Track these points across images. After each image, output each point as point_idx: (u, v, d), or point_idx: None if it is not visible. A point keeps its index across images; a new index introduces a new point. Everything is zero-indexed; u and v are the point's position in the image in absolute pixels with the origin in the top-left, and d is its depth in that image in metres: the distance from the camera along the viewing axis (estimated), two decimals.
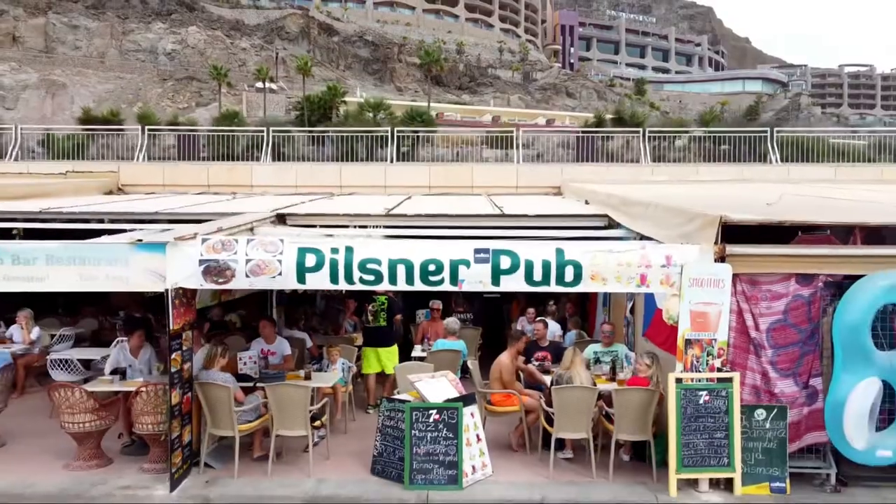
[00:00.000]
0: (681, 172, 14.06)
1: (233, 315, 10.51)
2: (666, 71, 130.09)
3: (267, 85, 67.39)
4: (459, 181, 13.99)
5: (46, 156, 15.93)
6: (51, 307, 11.10)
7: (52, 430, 7.43)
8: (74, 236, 7.46)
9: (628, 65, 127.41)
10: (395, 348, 8.68)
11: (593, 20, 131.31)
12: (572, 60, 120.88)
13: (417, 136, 29.54)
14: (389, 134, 15.34)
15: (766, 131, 15.48)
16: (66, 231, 8.67)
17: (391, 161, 14.85)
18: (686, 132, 17.38)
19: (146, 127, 15.88)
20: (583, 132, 16.85)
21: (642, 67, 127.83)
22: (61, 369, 8.26)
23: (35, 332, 9.18)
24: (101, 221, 9.17)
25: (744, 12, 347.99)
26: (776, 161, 14.73)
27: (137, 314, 9.81)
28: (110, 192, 13.61)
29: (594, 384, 6.60)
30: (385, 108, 27.73)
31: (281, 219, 8.92)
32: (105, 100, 69.99)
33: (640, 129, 15.36)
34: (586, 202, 11.01)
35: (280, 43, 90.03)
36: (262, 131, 15.73)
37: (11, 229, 9.41)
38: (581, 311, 10.47)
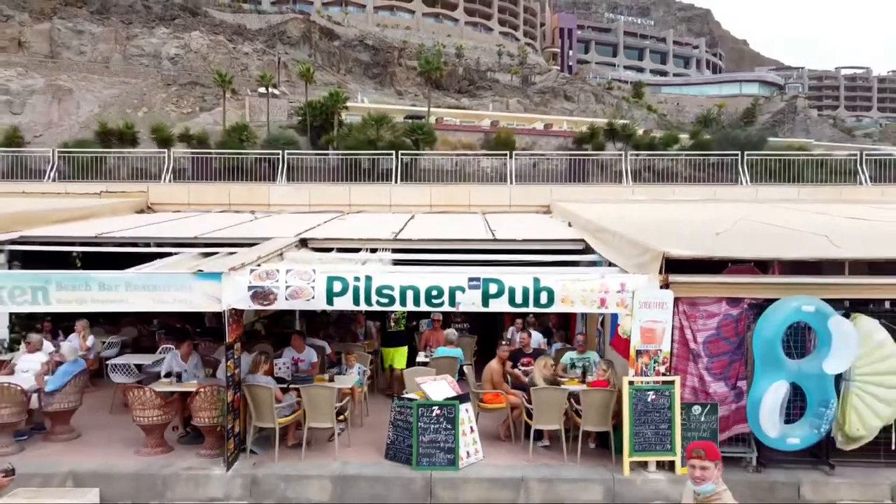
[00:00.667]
0: (659, 192, 15.55)
1: (258, 323, 12.02)
2: (664, 73, 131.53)
3: (270, 90, 68.58)
4: (458, 200, 15.50)
5: (78, 175, 17.27)
6: (93, 317, 12.59)
7: (114, 423, 8.97)
8: (126, 258, 9.01)
9: (626, 67, 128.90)
10: (405, 349, 10.90)
11: (592, 23, 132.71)
12: (571, 63, 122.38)
13: (418, 150, 30.90)
14: (394, 157, 16.78)
15: (737, 154, 16.91)
16: (119, 254, 10.21)
17: (395, 182, 16.32)
18: (665, 155, 18.76)
19: (171, 151, 17.25)
20: (570, 156, 18.27)
21: (640, 70, 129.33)
22: (119, 372, 9.76)
23: (90, 339, 10.67)
24: (148, 245, 10.69)
25: (742, 15, 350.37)
26: (746, 182, 16.22)
27: (178, 325, 11.30)
28: (142, 211, 15.10)
29: (554, 382, 8.16)
30: (387, 121, 29.12)
31: (303, 242, 10.44)
32: (110, 104, 71.26)
33: (623, 153, 16.81)
34: (569, 224, 12.53)
35: (282, 47, 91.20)
36: (278, 154, 17.13)
37: (71, 252, 10.95)
38: (564, 322, 11.98)
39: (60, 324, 11.20)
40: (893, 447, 7.47)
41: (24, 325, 10.94)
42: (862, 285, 7.45)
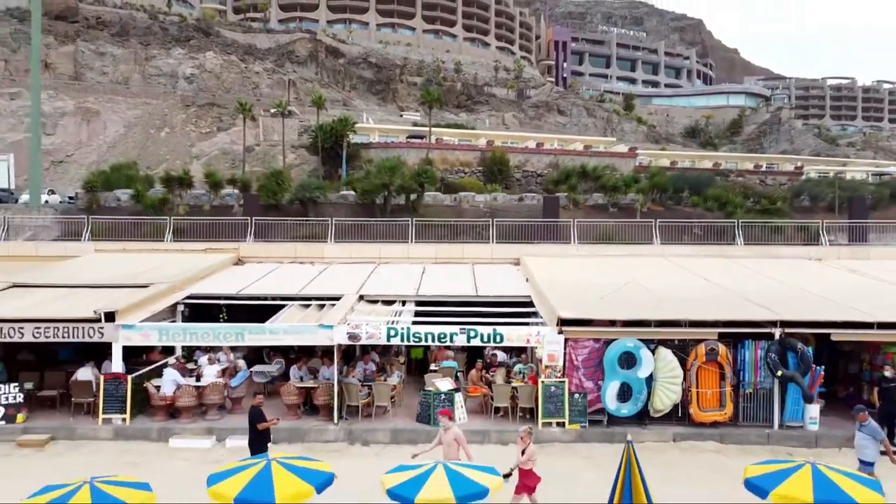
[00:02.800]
0: (594, 250, 22.81)
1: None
2: (656, 84, 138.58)
3: (280, 111, 75.59)
4: (455, 254, 22.77)
5: (188, 234, 23.96)
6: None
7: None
8: (257, 309, 16.27)
9: (619, 78, 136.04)
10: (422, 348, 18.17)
11: (586, 35, 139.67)
12: (565, 75, 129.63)
13: (423, 189, 38.01)
14: (410, 222, 24.01)
15: (651, 221, 24.11)
16: (254, 305, 17.47)
17: (412, 241, 23.56)
18: (603, 222, 25.90)
19: (253, 219, 24.31)
20: (535, 222, 25.43)
21: (633, 81, 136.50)
22: (258, 375, 17.03)
23: (231, 355, 17.85)
24: (266, 299, 17.93)
25: (733, 24, 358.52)
26: (657, 242, 23.46)
27: (293, 354, 18.28)
28: (237, 263, 22.32)
29: (507, 381, 15.52)
30: (398, 170, 36.15)
31: (361, 297, 17.73)
32: (134, 125, 78.43)
33: (571, 220, 24.02)
34: (527, 279, 19.81)
35: (290, 66, 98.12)
36: (328, 220, 24.28)
37: (219, 306, 18.18)
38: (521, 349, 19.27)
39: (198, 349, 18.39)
40: (679, 415, 14.75)
41: (189, 349, 18.08)
42: (660, 332, 14.73)
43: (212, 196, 37.64)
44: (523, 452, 9.80)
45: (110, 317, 14.47)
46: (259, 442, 11.31)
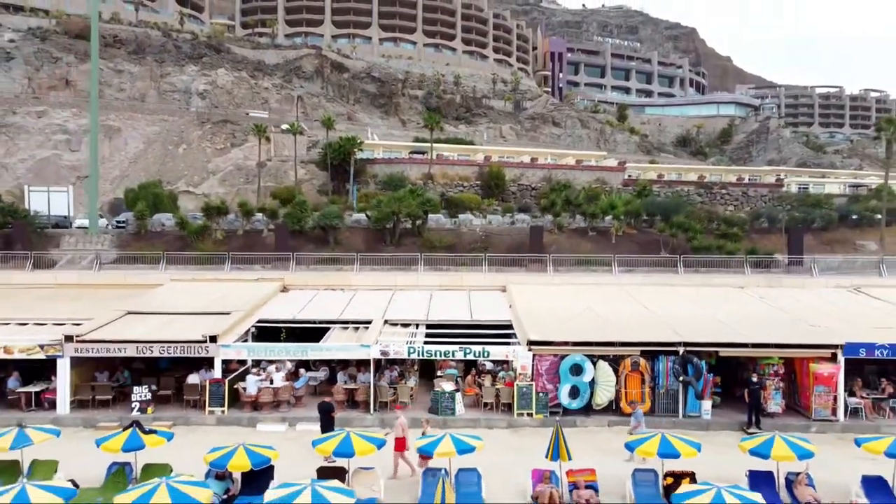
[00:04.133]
0: (567, 278, 29.30)
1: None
2: (649, 93, 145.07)
3: (293, 131, 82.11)
4: (456, 281, 29.28)
5: (239, 261, 30.45)
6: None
7: (313, 401, 22.75)
8: (310, 331, 22.87)
9: (614, 87, 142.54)
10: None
11: (582, 45, 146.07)
12: (561, 85, 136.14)
13: (427, 215, 44.32)
14: (419, 256, 30.49)
15: (610, 256, 30.58)
16: (305, 328, 24.01)
17: (420, 271, 30.06)
18: (579, 257, 32.39)
19: (295, 254, 30.70)
20: (518, 257, 31.90)
21: (627, 91, 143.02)
22: (313, 380, 23.52)
23: (301, 370, 24.31)
24: (313, 322, 24.41)
25: (727, 30, 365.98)
26: (616, 272, 29.95)
27: (333, 364, 24.82)
28: (283, 290, 28.76)
29: (492, 385, 22.11)
30: (405, 200, 42.51)
31: (386, 321, 24.25)
32: (154, 141, 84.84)
33: (547, 255, 30.48)
34: (510, 306, 26.32)
35: (297, 81, 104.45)
36: (354, 255, 30.74)
37: (279, 328, 24.70)
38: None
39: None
40: (613, 408, 21.24)
41: (255, 361, 24.45)
42: (600, 349, 21.22)
43: (244, 222, 44.11)
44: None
45: (213, 339, 20.95)
46: (328, 423, 17.78)
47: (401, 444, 16.51)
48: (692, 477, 14.35)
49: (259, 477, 14.54)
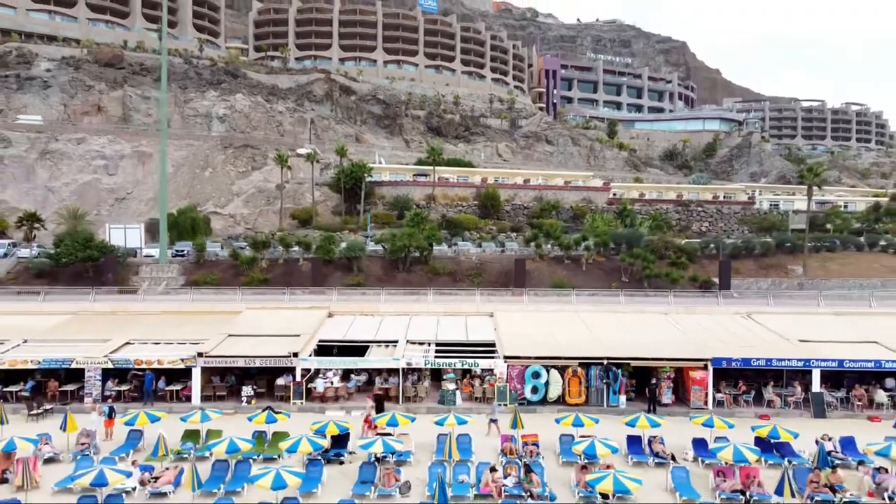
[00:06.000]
0: (539, 305, 40.84)
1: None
2: (640, 107, 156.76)
3: (305, 152, 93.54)
4: (455, 308, 40.85)
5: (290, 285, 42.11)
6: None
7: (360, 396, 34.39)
8: (355, 348, 34.65)
9: (606, 102, 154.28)
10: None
11: (575, 61, 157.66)
12: (555, 101, 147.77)
13: (432, 247, 55.93)
14: (429, 293, 42.03)
15: (571, 290, 42.09)
16: (350, 346, 35.74)
17: (430, 300, 41.62)
18: (548, 291, 43.91)
19: (337, 290, 42.21)
20: (500, 291, 43.46)
21: (618, 105, 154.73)
22: (358, 381, 35.13)
23: (352, 374, 35.87)
24: (355, 342, 36.00)
25: (715, 45, 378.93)
26: (574, 301, 41.46)
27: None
28: (329, 315, 40.26)
29: (481, 385, 33.90)
30: (414, 237, 54.18)
31: (408, 340, 35.91)
32: (182, 165, 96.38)
33: (523, 289, 41.98)
34: (495, 329, 37.96)
35: (309, 104, 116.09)
36: (380, 291, 42.25)
37: (332, 347, 36.42)
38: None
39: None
40: (560, 401, 32.80)
41: (305, 371, 35.98)
42: (552, 361, 32.79)
43: (283, 253, 55.69)
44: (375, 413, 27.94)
45: (295, 354, 32.49)
46: (381, 407, 29.34)
47: (368, 420, 27.71)
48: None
49: (341, 440, 26.11)
